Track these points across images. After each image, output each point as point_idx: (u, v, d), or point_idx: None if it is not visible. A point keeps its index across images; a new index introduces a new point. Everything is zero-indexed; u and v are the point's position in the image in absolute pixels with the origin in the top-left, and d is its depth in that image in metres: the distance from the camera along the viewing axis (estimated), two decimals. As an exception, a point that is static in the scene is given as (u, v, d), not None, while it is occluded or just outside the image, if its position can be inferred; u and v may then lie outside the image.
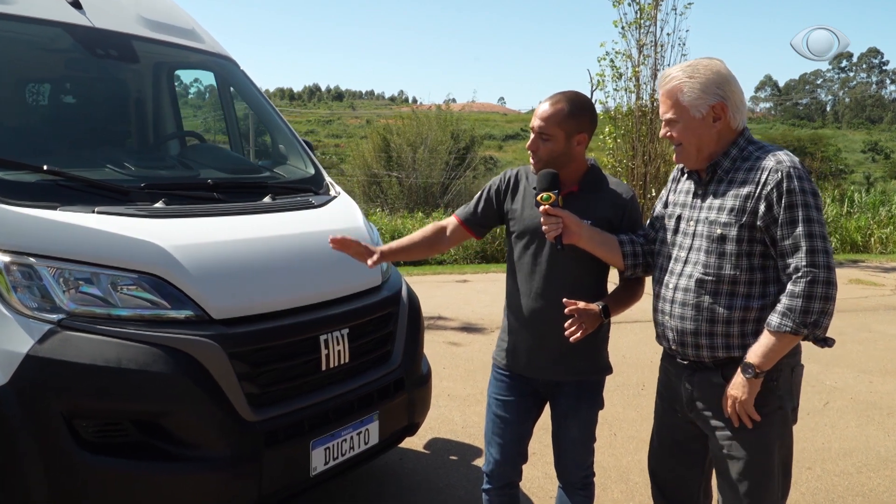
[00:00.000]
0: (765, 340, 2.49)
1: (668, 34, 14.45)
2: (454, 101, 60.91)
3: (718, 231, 2.58)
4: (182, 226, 3.25)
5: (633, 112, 14.85)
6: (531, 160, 2.99)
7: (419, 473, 4.56)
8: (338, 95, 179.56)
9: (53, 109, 4.41)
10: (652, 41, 14.59)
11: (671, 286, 2.71)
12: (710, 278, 2.60)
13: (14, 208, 2.95)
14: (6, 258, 2.86)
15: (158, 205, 3.31)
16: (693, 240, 2.68)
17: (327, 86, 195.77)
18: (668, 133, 2.68)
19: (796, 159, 2.53)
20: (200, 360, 2.93)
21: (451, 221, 3.23)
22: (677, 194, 2.83)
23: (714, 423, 2.66)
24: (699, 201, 2.69)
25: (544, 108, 2.92)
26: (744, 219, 2.53)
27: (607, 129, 14.65)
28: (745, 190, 2.54)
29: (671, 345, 2.73)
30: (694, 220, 2.69)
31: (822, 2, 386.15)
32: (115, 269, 2.95)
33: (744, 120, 2.65)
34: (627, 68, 14.77)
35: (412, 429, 3.99)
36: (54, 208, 3.03)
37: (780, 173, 2.47)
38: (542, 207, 2.80)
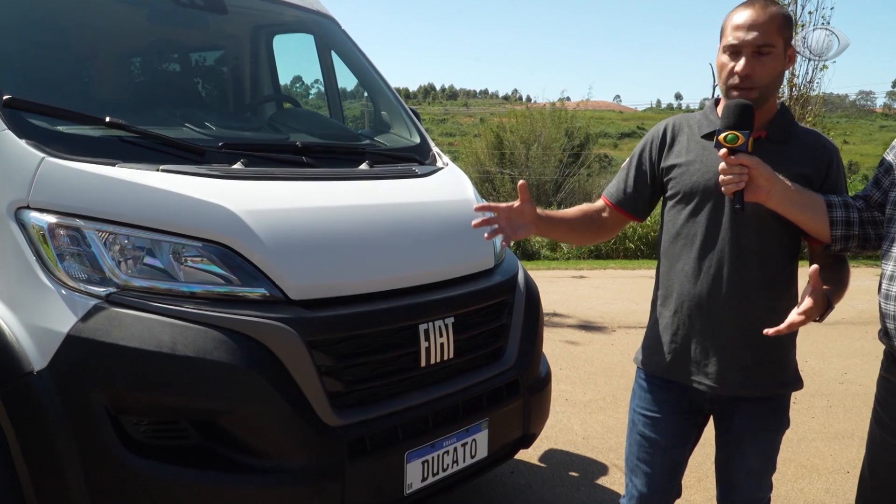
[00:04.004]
0: None
1: (809, 13, 13.27)
2: (569, 98, 59.46)
3: None
4: (259, 189, 2.74)
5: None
6: (734, 92, 2.13)
7: (533, 492, 3.91)
8: (452, 94, 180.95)
9: (132, 65, 4.02)
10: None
11: None
12: None
13: (67, 163, 2.50)
14: (52, 219, 2.40)
15: (236, 166, 2.82)
16: None
17: (442, 85, 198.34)
18: None
19: None
20: (273, 348, 2.40)
21: (602, 205, 2.51)
22: None
23: None
24: None
25: (751, 13, 2.10)
26: None
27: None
28: None
29: None
30: None
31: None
32: (174, 234, 2.45)
33: None
34: (762, 52, 13.64)
35: (527, 440, 3.34)
36: (113, 164, 2.58)
37: None
38: (722, 151, 2.04)
